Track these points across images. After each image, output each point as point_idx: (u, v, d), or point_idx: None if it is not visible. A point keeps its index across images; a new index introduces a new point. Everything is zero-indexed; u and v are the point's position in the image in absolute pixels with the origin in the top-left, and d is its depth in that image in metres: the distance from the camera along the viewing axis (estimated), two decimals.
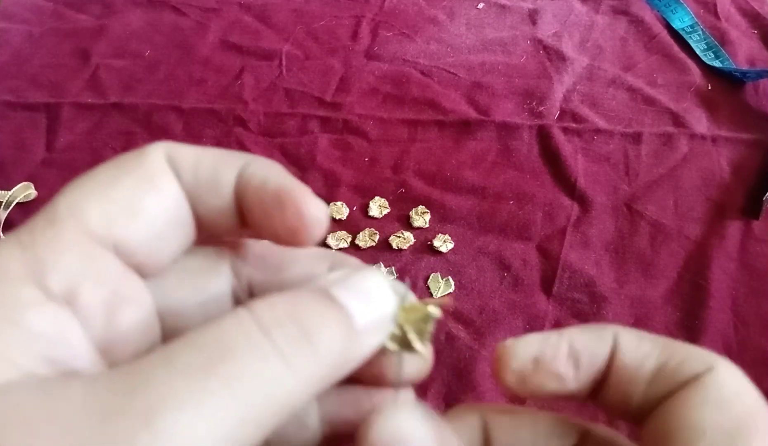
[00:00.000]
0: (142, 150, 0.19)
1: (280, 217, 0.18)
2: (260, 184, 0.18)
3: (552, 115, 0.56)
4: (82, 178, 0.18)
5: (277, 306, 0.16)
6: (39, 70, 0.62)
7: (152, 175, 0.18)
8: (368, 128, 0.56)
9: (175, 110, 0.58)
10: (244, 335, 0.15)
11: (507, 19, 0.66)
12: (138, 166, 0.18)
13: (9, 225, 0.51)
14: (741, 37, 0.62)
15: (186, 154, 0.19)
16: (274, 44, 0.64)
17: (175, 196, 0.18)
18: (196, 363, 0.14)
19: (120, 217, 0.17)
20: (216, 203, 0.19)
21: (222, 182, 0.18)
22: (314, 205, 0.18)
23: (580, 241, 0.48)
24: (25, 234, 0.16)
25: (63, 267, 0.16)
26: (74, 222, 0.17)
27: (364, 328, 0.17)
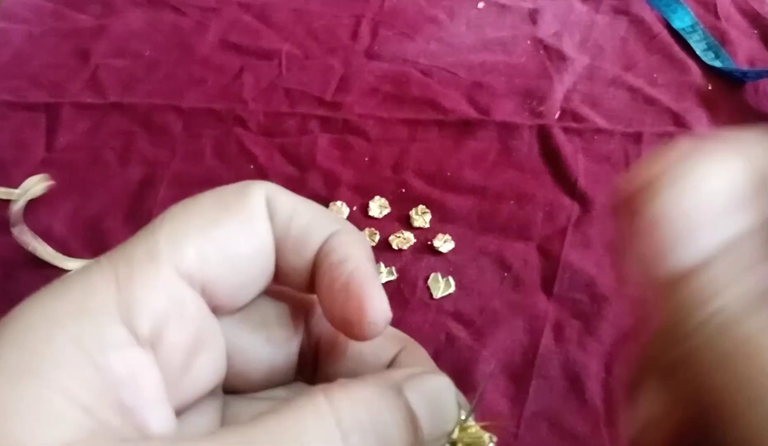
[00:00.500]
0: (245, 187, 0.18)
1: (341, 303, 0.18)
2: (337, 263, 0.18)
3: (552, 114, 0.56)
4: (183, 208, 0.18)
5: (358, 405, 0.15)
6: (39, 70, 0.62)
7: (252, 219, 0.18)
8: (368, 128, 0.56)
9: (175, 110, 0.58)
10: (322, 431, 0.14)
11: (507, 18, 0.66)
12: (240, 206, 0.18)
13: (6, 221, 0.51)
14: (741, 37, 0.62)
15: (285, 203, 0.19)
16: (274, 44, 0.64)
17: (268, 243, 0.18)
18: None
19: (215, 260, 0.17)
20: (297, 262, 0.19)
21: (309, 244, 0.18)
22: (378, 307, 0.18)
23: (581, 241, 0.48)
24: (123, 265, 0.16)
25: (154, 308, 0.16)
26: (172, 261, 0.16)
27: (427, 440, 0.16)
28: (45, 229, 0.50)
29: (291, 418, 0.14)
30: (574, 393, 0.41)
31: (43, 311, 0.15)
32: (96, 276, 0.16)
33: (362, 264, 0.18)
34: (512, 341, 0.43)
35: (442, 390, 0.17)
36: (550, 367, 0.42)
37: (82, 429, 0.13)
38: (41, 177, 0.52)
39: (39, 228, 0.50)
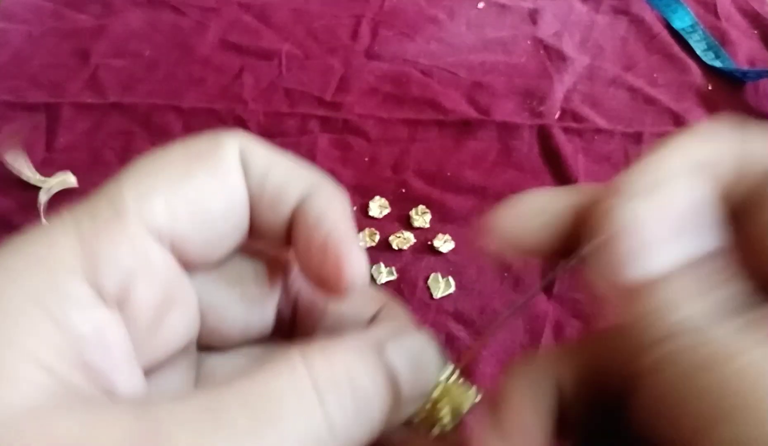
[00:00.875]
0: (217, 139, 0.18)
1: (319, 262, 0.17)
2: (314, 222, 0.17)
3: (552, 114, 0.56)
4: (152, 161, 0.17)
5: (335, 364, 0.15)
6: (39, 70, 0.62)
7: (224, 172, 0.17)
8: (368, 128, 0.56)
9: (175, 110, 0.58)
10: (297, 393, 0.14)
11: (507, 18, 0.66)
12: (211, 158, 0.17)
13: (6, 221, 0.51)
14: (741, 37, 0.62)
15: (260, 156, 0.18)
16: (274, 44, 0.64)
17: (241, 198, 0.17)
18: (244, 422, 0.13)
19: (185, 215, 0.16)
20: (272, 219, 0.18)
21: (285, 200, 0.18)
22: (355, 266, 0.17)
23: None
24: (87, 220, 0.15)
25: (120, 265, 0.15)
26: (139, 216, 0.15)
27: (407, 399, 0.16)
28: None
29: (266, 380, 0.14)
30: None
31: (24, 289, 0.14)
32: (58, 231, 0.15)
33: (340, 223, 0.18)
34: (512, 341, 0.43)
35: (424, 348, 0.17)
36: None
37: (44, 391, 0.13)
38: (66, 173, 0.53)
39: None
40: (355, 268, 0.17)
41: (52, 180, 0.52)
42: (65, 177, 0.52)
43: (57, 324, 0.14)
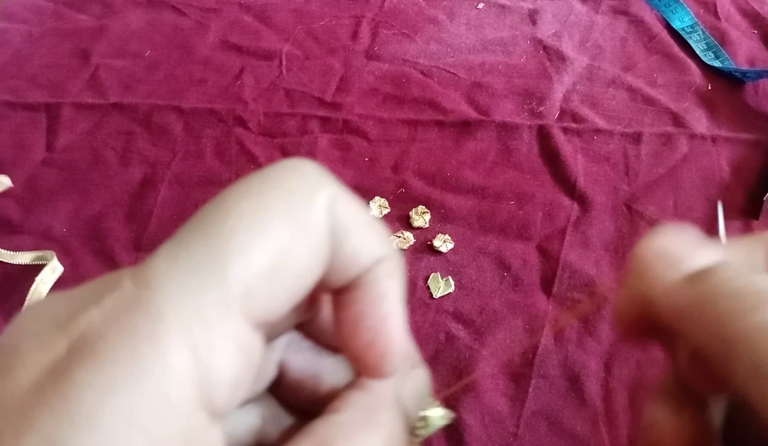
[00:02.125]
0: (313, 192, 0.16)
1: (364, 343, 0.16)
2: (374, 299, 0.16)
3: (552, 115, 0.56)
4: (253, 215, 0.15)
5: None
6: (39, 70, 0.62)
7: (317, 247, 0.15)
8: (368, 128, 0.56)
9: (175, 110, 0.58)
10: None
11: (507, 19, 0.66)
12: (305, 224, 0.15)
13: (5, 221, 0.51)
14: (741, 37, 0.62)
15: (346, 214, 0.16)
16: (274, 44, 0.64)
17: (323, 261, 0.16)
18: None
19: (278, 300, 0.15)
20: (337, 281, 0.16)
21: (355, 266, 0.16)
22: (401, 353, 0.17)
23: (580, 241, 0.48)
24: (196, 319, 0.13)
25: (233, 377, 0.14)
26: (245, 310, 0.14)
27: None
28: (45, 229, 0.50)
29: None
30: (573, 392, 0.41)
31: (121, 411, 0.12)
32: (172, 351, 0.13)
33: (396, 308, 0.17)
34: (512, 341, 0.43)
35: (426, 383, 0.18)
36: (550, 367, 0.42)
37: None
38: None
39: (39, 228, 0.51)
40: (400, 355, 0.17)
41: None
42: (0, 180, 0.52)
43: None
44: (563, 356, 0.42)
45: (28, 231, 0.50)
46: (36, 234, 0.50)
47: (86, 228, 0.51)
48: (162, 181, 0.53)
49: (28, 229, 0.51)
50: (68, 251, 0.49)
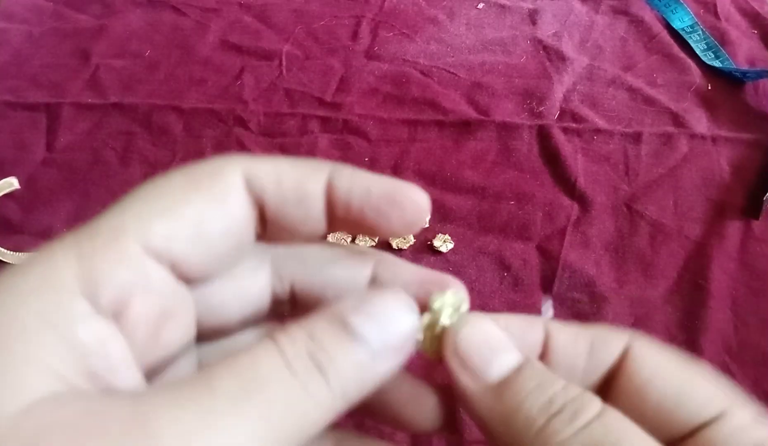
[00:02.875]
0: (218, 165, 0.19)
1: (398, 214, 0.19)
2: (365, 192, 0.19)
3: (552, 115, 0.56)
4: (153, 187, 0.18)
5: (297, 341, 0.17)
6: (39, 70, 0.62)
7: (224, 196, 0.18)
8: (368, 128, 0.56)
9: (175, 110, 0.58)
10: (274, 368, 0.16)
11: (507, 19, 0.66)
12: (211, 184, 0.18)
13: (5, 221, 0.51)
14: (741, 37, 0.62)
15: (266, 170, 0.19)
16: (274, 44, 0.64)
17: (242, 219, 0.19)
18: (234, 391, 0.15)
19: (183, 237, 0.17)
20: (303, 213, 0.19)
21: (310, 195, 0.19)
22: (421, 196, 0.20)
23: (580, 241, 0.48)
24: (86, 241, 0.17)
25: (117, 282, 0.16)
26: (138, 237, 0.17)
27: (379, 353, 0.17)
28: (45, 229, 0.50)
29: (248, 361, 0.16)
30: None
31: (9, 289, 0.16)
32: (58, 252, 0.16)
33: (384, 181, 0.20)
34: None
35: (388, 304, 0.18)
36: None
37: (54, 393, 0.14)
38: (8, 181, 0.52)
39: (39, 228, 0.50)
40: (422, 198, 0.20)
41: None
42: (8, 180, 0.52)
43: (62, 337, 0.15)
44: None
45: (28, 231, 0.50)
46: (36, 234, 0.50)
47: None
48: None
49: (28, 229, 0.50)
50: None
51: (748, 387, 0.41)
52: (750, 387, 0.41)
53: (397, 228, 0.20)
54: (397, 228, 0.20)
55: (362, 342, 0.17)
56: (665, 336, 0.43)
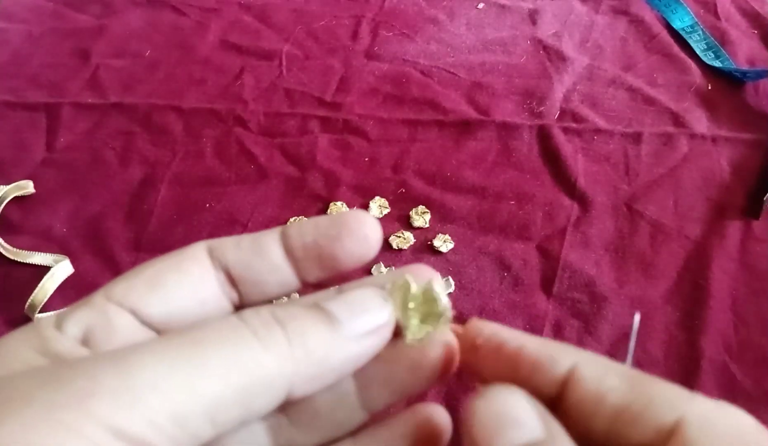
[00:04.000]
0: (186, 247, 0.20)
1: (348, 235, 0.20)
2: (313, 226, 0.20)
3: (552, 115, 0.56)
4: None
5: (261, 311, 0.17)
6: (39, 70, 0.62)
7: (181, 260, 0.20)
8: (368, 128, 0.56)
9: (175, 110, 0.58)
10: (227, 324, 0.16)
11: (507, 19, 0.66)
12: (172, 257, 0.20)
13: (6, 221, 0.51)
14: (741, 37, 0.62)
15: (228, 239, 0.20)
16: (274, 44, 0.64)
17: (200, 273, 0.20)
18: (182, 347, 0.15)
19: (140, 287, 0.19)
20: (267, 264, 0.20)
21: (265, 244, 0.20)
22: (364, 214, 0.20)
23: (580, 241, 0.48)
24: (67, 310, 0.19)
25: (79, 317, 0.18)
26: (103, 292, 0.19)
27: (352, 333, 0.18)
28: (45, 229, 0.50)
29: (201, 325, 0.17)
30: None
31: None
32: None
33: (329, 218, 0.20)
34: None
35: (362, 293, 0.19)
36: None
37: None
38: (24, 183, 0.52)
39: (39, 228, 0.50)
40: (371, 224, 0.20)
41: (6, 186, 0.51)
42: (22, 183, 0.52)
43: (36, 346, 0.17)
44: None
45: (28, 231, 0.50)
46: (36, 234, 0.50)
47: (86, 229, 0.51)
48: (162, 181, 0.53)
49: (28, 229, 0.50)
50: (68, 251, 0.49)
51: (748, 387, 0.41)
52: (750, 387, 0.41)
53: (352, 250, 0.20)
54: (351, 250, 0.20)
55: (334, 320, 0.17)
56: (665, 336, 0.43)
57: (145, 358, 0.15)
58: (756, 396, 0.40)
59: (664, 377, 0.17)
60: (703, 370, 0.41)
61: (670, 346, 0.43)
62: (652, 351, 0.42)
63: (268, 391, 0.16)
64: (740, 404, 0.16)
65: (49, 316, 0.19)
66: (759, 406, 0.40)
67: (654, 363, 0.42)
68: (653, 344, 0.43)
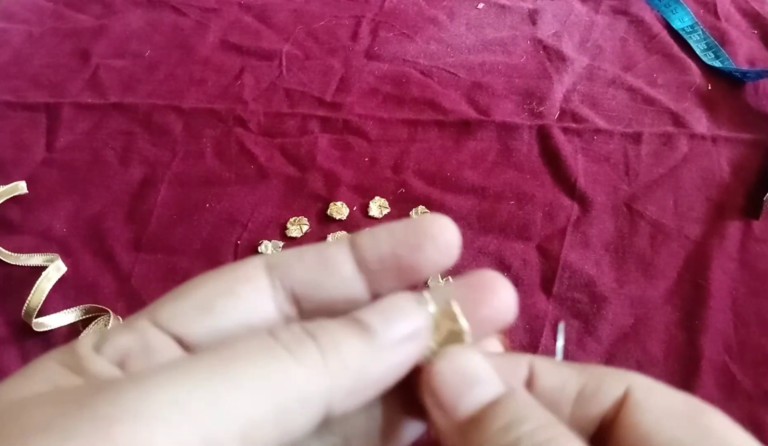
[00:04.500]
0: (243, 262, 0.19)
1: (427, 241, 0.18)
2: (388, 233, 0.19)
3: (552, 115, 0.56)
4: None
5: (293, 325, 0.16)
6: (39, 70, 0.62)
7: (235, 281, 0.18)
8: (368, 128, 0.56)
9: (175, 110, 0.58)
10: (257, 340, 0.16)
11: (507, 19, 0.66)
12: (227, 275, 0.18)
13: (5, 221, 0.51)
14: (741, 37, 0.62)
15: (289, 255, 0.19)
16: (274, 44, 0.64)
17: (257, 299, 0.18)
18: (210, 365, 0.15)
19: (188, 312, 0.18)
20: (336, 278, 0.19)
21: (332, 257, 0.19)
22: (442, 217, 0.19)
23: (580, 241, 0.48)
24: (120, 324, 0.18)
25: (119, 340, 0.17)
26: (149, 315, 0.18)
27: (388, 342, 0.17)
28: (45, 229, 0.50)
29: (231, 343, 0.16)
30: None
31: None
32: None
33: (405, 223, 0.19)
34: (512, 341, 0.43)
35: (396, 300, 0.18)
36: None
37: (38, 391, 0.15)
38: (16, 185, 0.52)
39: (39, 228, 0.50)
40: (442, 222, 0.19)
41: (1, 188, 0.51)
42: (16, 184, 0.52)
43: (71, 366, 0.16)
44: (563, 356, 0.42)
45: (28, 231, 0.50)
46: (36, 234, 0.50)
47: (86, 229, 0.51)
48: (162, 181, 0.53)
49: (28, 229, 0.50)
50: (68, 251, 0.49)
51: (748, 387, 0.41)
52: (750, 387, 0.41)
53: (434, 259, 0.18)
54: (433, 259, 0.18)
55: (369, 329, 0.17)
56: (665, 336, 0.43)
57: (171, 376, 0.14)
58: (756, 396, 0.40)
59: (665, 377, 0.18)
60: (703, 370, 0.41)
61: (670, 346, 0.43)
62: (652, 351, 0.42)
63: (305, 408, 0.15)
64: (740, 404, 0.17)
65: (91, 334, 0.17)
66: (759, 406, 0.40)
67: (654, 363, 0.42)
68: (653, 344, 0.43)
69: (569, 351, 0.43)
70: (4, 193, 0.51)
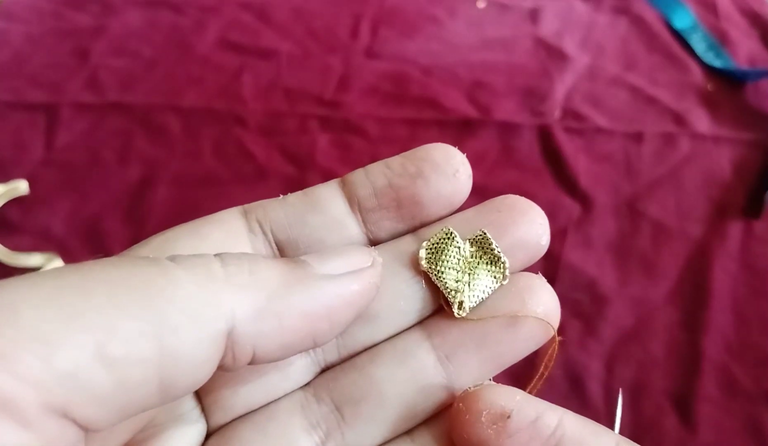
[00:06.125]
0: (216, 213, 0.17)
1: (429, 181, 0.17)
2: (383, 165, 0.18)
3: (553, 114, 0.56)
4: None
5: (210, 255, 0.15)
6: (38, 70, 0.62)
7: (203, 223, 0.17)
8: (368, 127, 0.56)
9: (174, 109, 0.58)
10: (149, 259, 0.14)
11: (508, 18, 0.66)
12: (198, 220, 0.17)
13: (4, 221, 0.51)
14: (741, 37, 0.62)
15: (269, 200, 0.17)
16: (274, 43, 0.64)
17: (228, 242, 0.17)
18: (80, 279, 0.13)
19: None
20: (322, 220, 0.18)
21: (322, 197, 0.18)
22: (458, 155, 0.18)
23: (582, 241, 0.48)
24: None
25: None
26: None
27: (320, 271, 0.15)
28: (44, 229, 0.50)
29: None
30: (574, 393, 0.41)
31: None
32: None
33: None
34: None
35: (343, 246, 0.16)
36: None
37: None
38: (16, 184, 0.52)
39: (38, 228, 0.50)
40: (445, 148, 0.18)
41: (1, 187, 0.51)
42: (17, 185, 0.52)
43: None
44: (564, 357, 0.42)
45: (28, 231, 0.50)
46: (35, 234, 0.50)
47: (85, 228, 0.50)
48: (161, 181, 0.53)
49: (28, 229, 0.50)
50: (67, 251, 0.49)
51: (748, 387, 0.40)
52: (750, 387, 0.40)
53: (439, 190, 0.16)
54: (438, 190, 0.16)
55: (298, 260, 0.15)
56: (666, 336, 0.43)
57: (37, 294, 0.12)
58: (756, 396, 0.40)
59: (665, 377, 0.17)
60: (703, 370, 0.41)
61: (671, 346, 0.42)
62: (653, 351, 0.42)
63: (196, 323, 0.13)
64: (740, 404, 0.16)
65: None
66: (759, 406, 0.40)
67: (654, 363, 0.42)
68: (654, 344, 0.43)
69: (570, 352, 0.43)
70: (6, 194, 0.51)
